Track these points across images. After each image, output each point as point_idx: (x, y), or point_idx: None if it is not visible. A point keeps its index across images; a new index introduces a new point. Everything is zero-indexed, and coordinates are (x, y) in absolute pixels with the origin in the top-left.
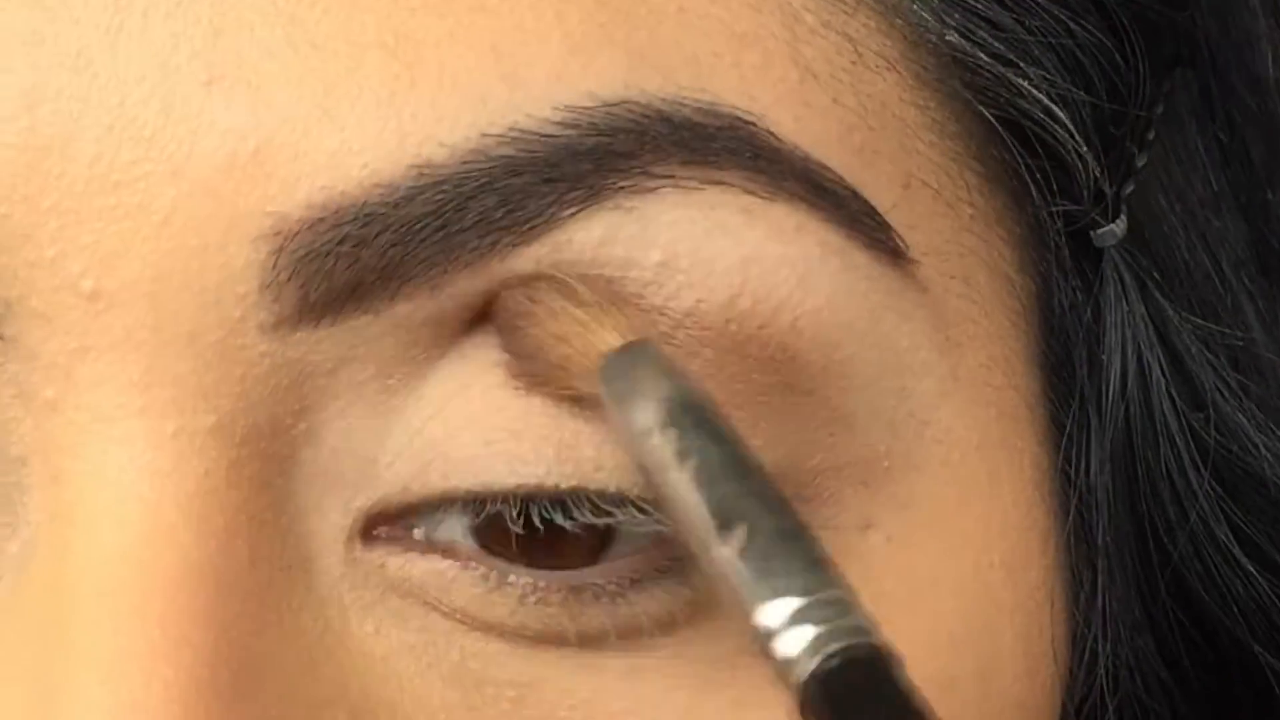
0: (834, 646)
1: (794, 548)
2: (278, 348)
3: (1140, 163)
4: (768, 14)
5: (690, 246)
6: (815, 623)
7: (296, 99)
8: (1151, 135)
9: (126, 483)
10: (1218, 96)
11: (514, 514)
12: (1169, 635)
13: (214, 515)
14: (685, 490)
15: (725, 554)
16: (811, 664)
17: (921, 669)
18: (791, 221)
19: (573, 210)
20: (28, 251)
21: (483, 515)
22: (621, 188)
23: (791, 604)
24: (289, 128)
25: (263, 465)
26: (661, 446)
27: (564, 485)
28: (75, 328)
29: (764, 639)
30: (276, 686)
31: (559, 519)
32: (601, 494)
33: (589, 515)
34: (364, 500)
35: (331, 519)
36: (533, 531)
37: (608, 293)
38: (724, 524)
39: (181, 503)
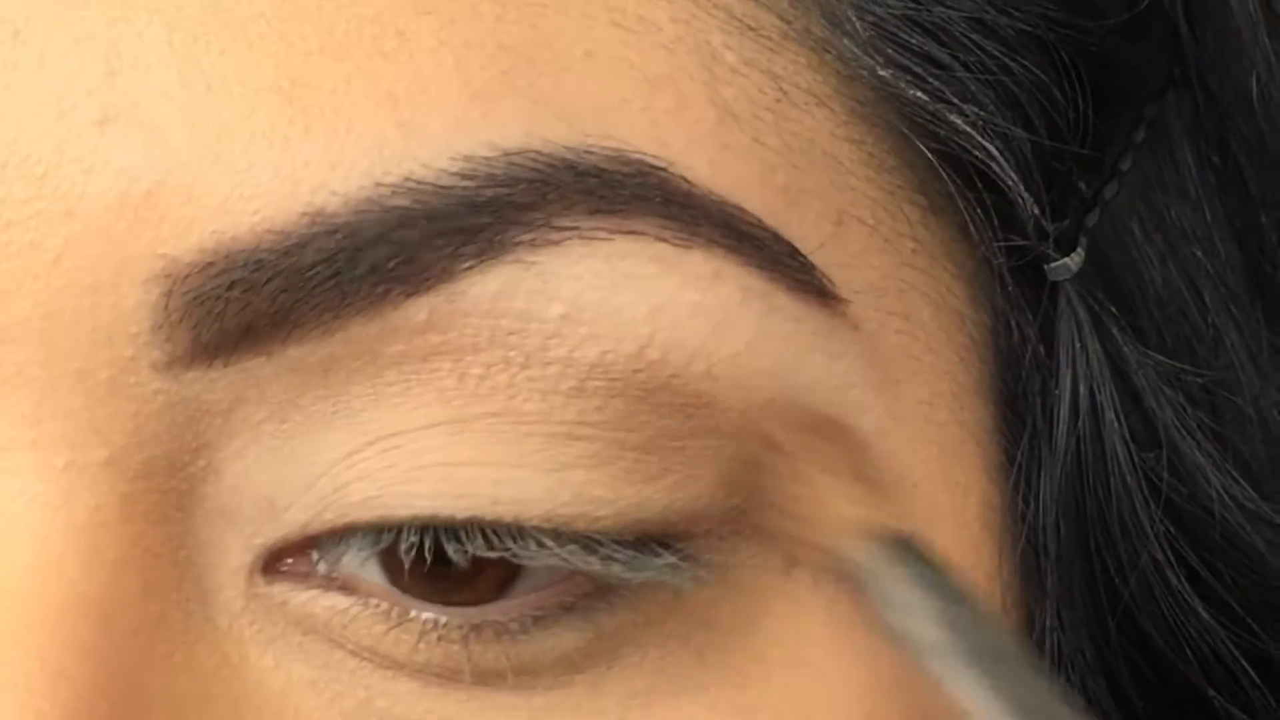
0: None
1: None
2: (171, 385)
3: (1110, 193)
4: (684, 55)
5: (595, 299)
6: None
7: (190, 142)
8: (1127, 164)
9: (15, 514)
10: (1210, 121)
11: (407, 546)
12: (1121, 676)
13: (105, 548)
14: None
15: None
16: None
17: (845, 710)
18: (709, 268)
19: (468, 264)
20: None
21: (379, 546)
22: (521, 241)
23: None
24: (182, 170)
25: (159, 500)
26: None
27: (459, 516)
28: None
29: None
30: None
31: (451, 551)
32: (497, 524)
33: (481, 548)
34: (264, 538)
35: (233, 554)
36: (440, 564)
37: (509, 345)
38: None
39: (70, 535)
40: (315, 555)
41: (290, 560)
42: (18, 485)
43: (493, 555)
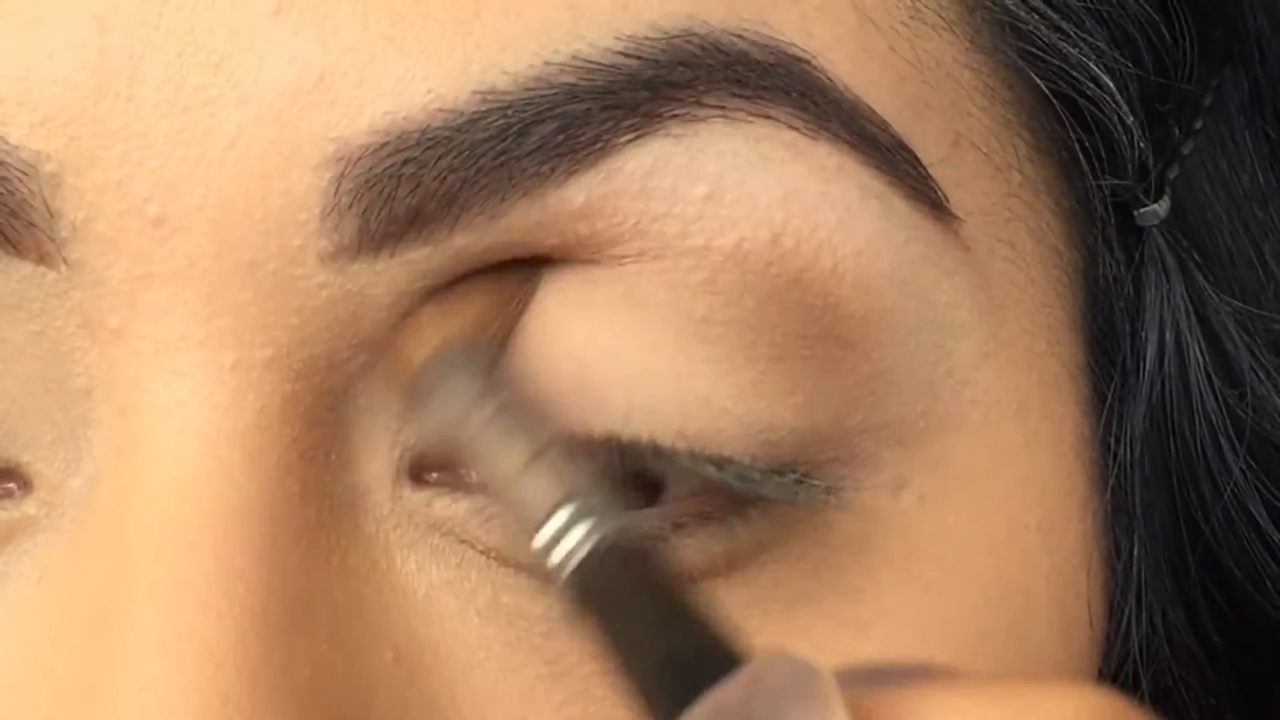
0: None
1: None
2: (336, 279)
3: (1186, 149)
4: None
5: (735, 179)
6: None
7: (362, 28)
8: (1199, 125)
9: (186, 417)
10: (1268, 94)
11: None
12: (1200, 608)
13: (268, 451)
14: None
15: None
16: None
17: (954, 624)
18: (833, 161)
19: (627, 138)
20: (95, 174)
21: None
22: (675, 115)
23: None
24: (354, 55)
25: (315, 400)
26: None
27: (595, 434)
28: (140, 254)
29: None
30: (326, 623)
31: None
32: (635, 442)
33: (616, 462)
34: (409, 434)
35: (380, 455)
36: None
37: (649, 235)
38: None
39: (236, 438)
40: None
41: (439, 473)
42: (189, 387)
43: (632, 469)
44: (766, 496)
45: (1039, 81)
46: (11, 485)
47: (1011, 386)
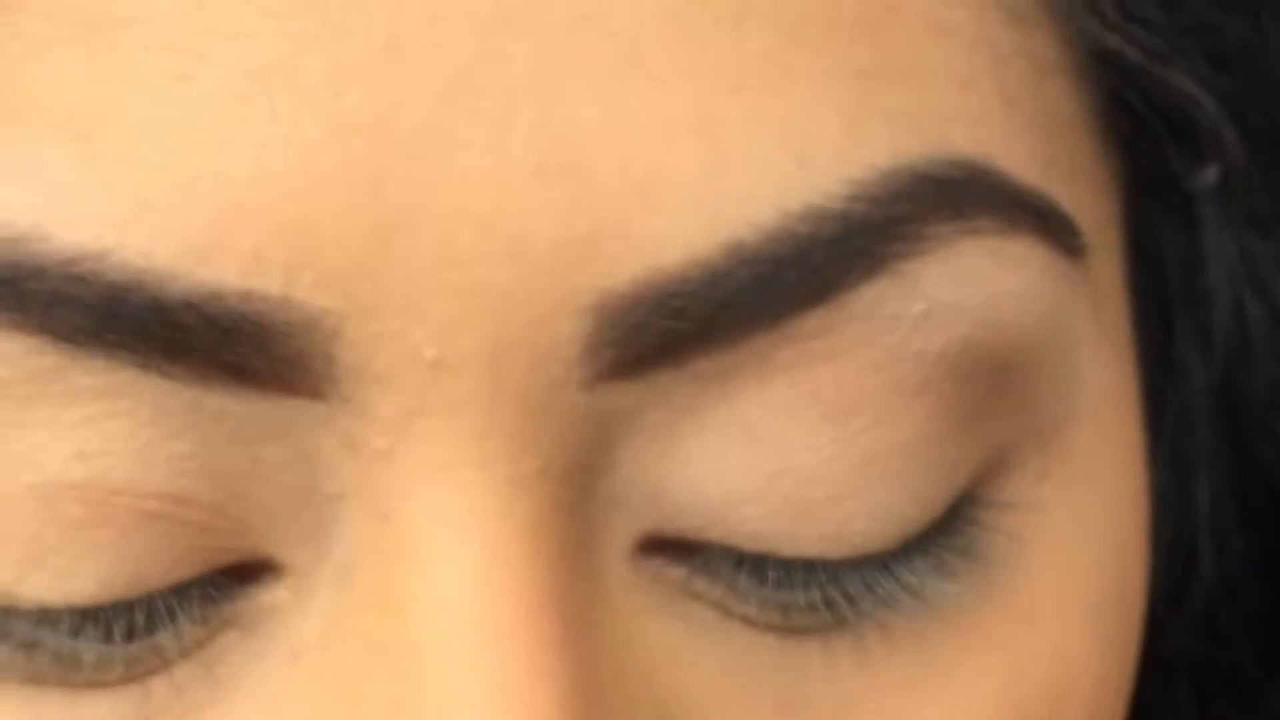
0: None
1: None
2: (591, 399)
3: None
4: (978, 53)
5: (949, 295)
6: None
7: (620, 185)
8: None
9: (465, 524)
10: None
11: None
12: (1260, 536)
13: (547, 546)
14: None
15: None
16: None
17: (1088, 597)
18: (1022, 251)
19: (858, 278)
20: (373, 324)
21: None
22: (900, 254)
23: None
24: (615, 211)
25: (575, 497)
26: None
27: (836, 558)
28: (414, 391)
29: None
30: (616, 703)
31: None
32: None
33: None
34: (646, 524)
35: (619, 538)
36: None
37: (875, 344)
38: None
39: (521, 538)
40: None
41: (664, 553)
42: (465, 498)
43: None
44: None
45: (1133, 100)
46: (263, 573)
47: (1107, 373)
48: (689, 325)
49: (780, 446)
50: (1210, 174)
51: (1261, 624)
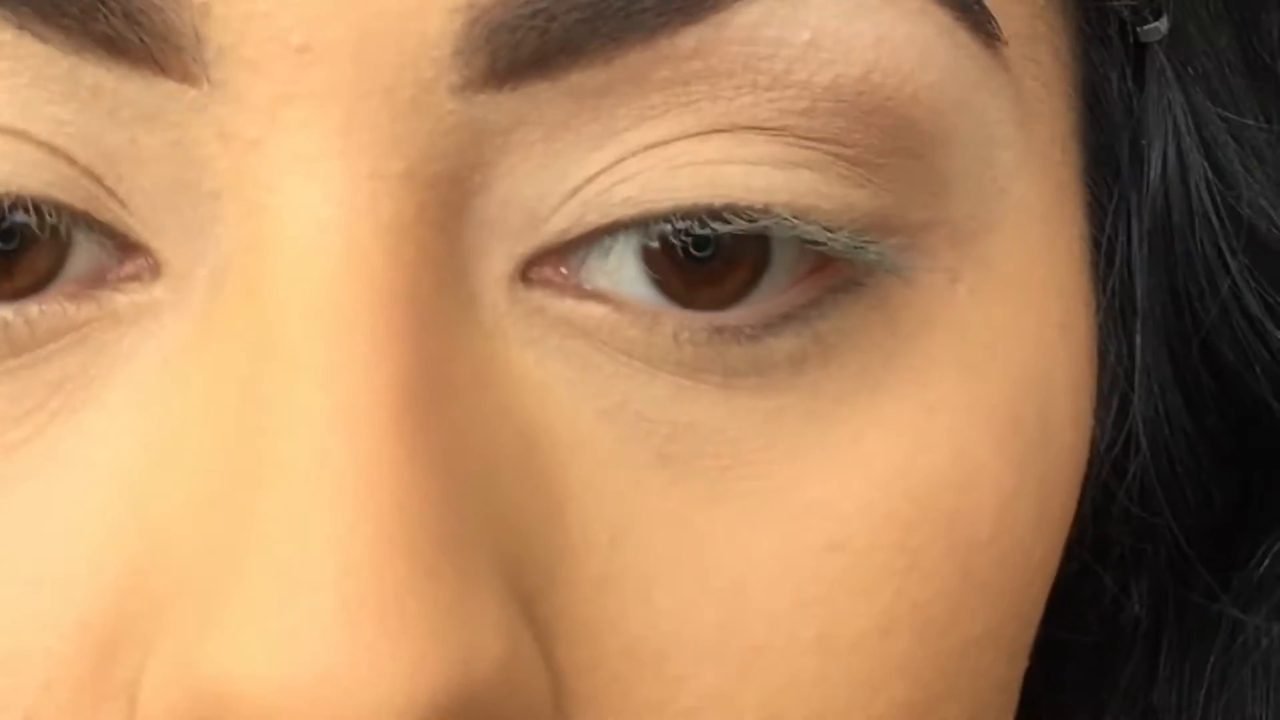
0: None
1: None
2: (463, 107)
3: None
4: None
5: (834, 27)
6: None
7: None
8: None
9: (326, 216)
10: None
11: (672, 231)
12: (1196, 393)
13: (404, 249)
14: None
15: None
16: None
17: (998, 410)
18: (916, 4)
19: None
20: (243, 4)
21: (643, 241)
22: None
23: None
24: None
25: (442, 210)
26: None
27: (716, 203)
28: (282, 76)
29: None
30: (460, 400)
31: (715, 227)
32: (751, 206)
33: (740, 226)
34: (525, 247)
35: (496, 262)
36: (692, 261)
37: (759, 70)
38: None
39: (378, 235)
40: (575, 262)
41: (547, 270)
42: (326, 190)
43: (751, 230)
44: (859, 258)
45: None
46: (142, 264)
47: (1039, 193)
48: (560, 33)
49: (659, 147)
50: (1161, 25)
51: (1195, 491)
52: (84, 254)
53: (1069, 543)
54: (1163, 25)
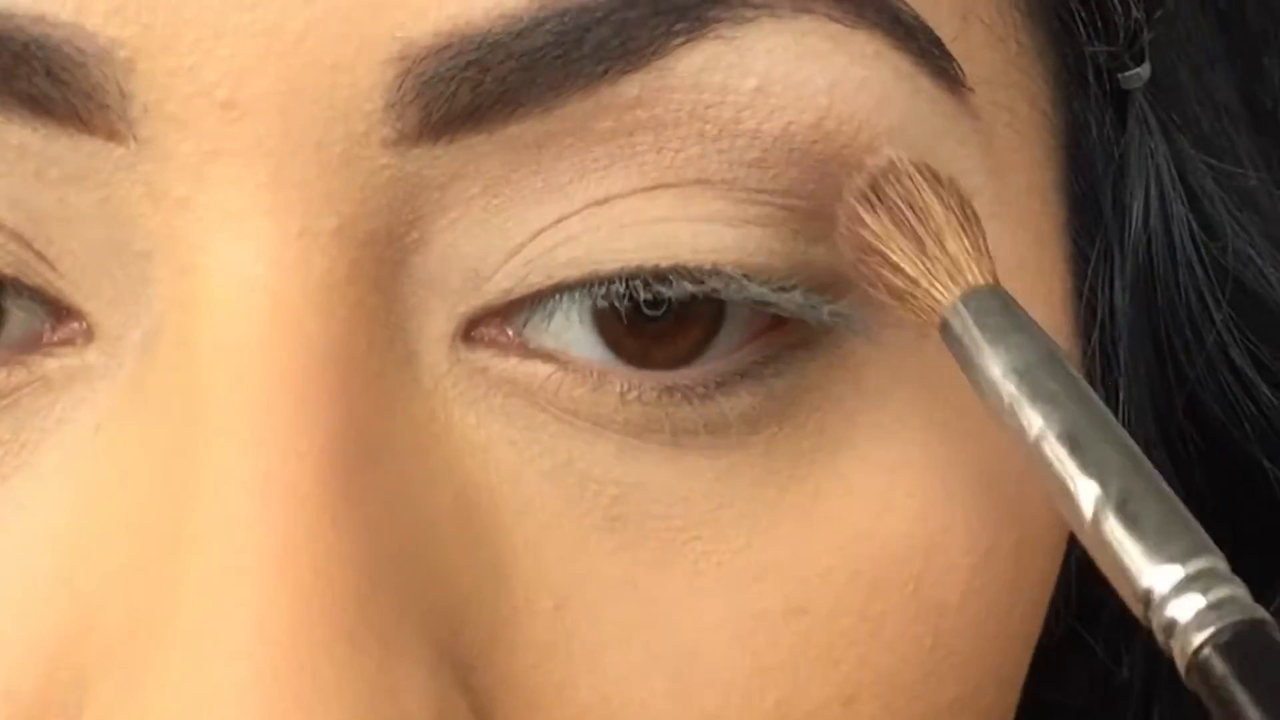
0: (1224, 620)
1: (1168, 510)
2: (397, 161)
3: (1158, 14)
4: None
5: (783, 72)
6: (1201, 591)
7: None
8: None
9: (255, 275)
10: None
11: (618, 294)
12: (1182, 449)
13: (336, 307)
14: (1049, 448)
15: (1106, 517)
16: (1201, 635)
17: (969, 468)
18: (871, 48)
19: (679, 40)
20: (167, 60)
21: (588, 302)
22: (723, 19)
23: (1177, 571)
24: None
25: (377, 268)
26: (1020, 393)
27: (663, 265)
28: (209, 132)
29: (1146, 602)
30: (393, 464)
31: (662, 290)
32: (699, 268)
33: (687, 288)
34: (467, 307)
35: (437, 321)
36: (642, 321)
37: (706, 119)
38: (1101, 485)
39: (309, 294)
40: (519, 321)
41: (491, 330)
42: (256, 248)
43: (699, 291)
44: (815, 319)
45: None
46: (75, 328)
47: (1013, 244)
48: (495, 84)
49: (604, 204)
50: (1142, 71)
51: None
52: (15, 320)
53: (1055, 603)
54: (1144, 71)
